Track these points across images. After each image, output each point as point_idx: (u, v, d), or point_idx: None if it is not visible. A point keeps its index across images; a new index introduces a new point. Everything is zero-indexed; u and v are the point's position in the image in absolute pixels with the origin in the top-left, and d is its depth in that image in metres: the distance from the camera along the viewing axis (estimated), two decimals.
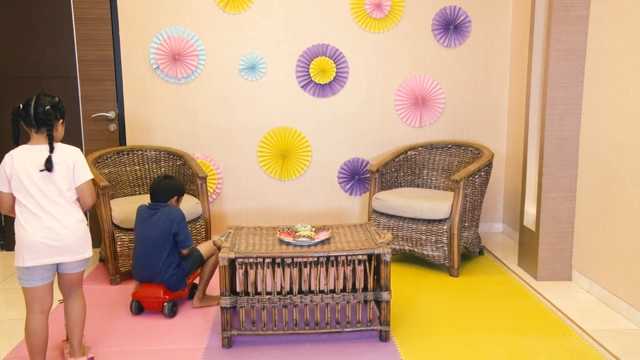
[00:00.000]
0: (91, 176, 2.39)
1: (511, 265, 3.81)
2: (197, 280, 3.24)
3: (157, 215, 3.04)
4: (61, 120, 2.36)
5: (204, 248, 3.15)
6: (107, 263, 3.51)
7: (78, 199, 2.39)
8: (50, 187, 2.28)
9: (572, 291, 3.34)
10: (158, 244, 3.00)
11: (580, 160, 3.40)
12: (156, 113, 4.32)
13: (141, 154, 4.10)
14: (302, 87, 4.37)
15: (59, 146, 2.33)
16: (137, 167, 4.08)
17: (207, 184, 3.97)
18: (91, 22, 4.10)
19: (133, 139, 4.31)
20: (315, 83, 4.37)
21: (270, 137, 4.41)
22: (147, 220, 3.06)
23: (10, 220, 4.27)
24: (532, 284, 3.47)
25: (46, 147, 2.29)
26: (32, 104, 2.30)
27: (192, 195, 3.88)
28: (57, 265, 2.37)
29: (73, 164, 2.33)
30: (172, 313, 3.06)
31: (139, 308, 3.11)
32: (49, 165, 2.25)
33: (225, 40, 4.28)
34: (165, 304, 3.04)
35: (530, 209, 3.72)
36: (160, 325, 2.95)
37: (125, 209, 3.51)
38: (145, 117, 4.31)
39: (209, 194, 4.37)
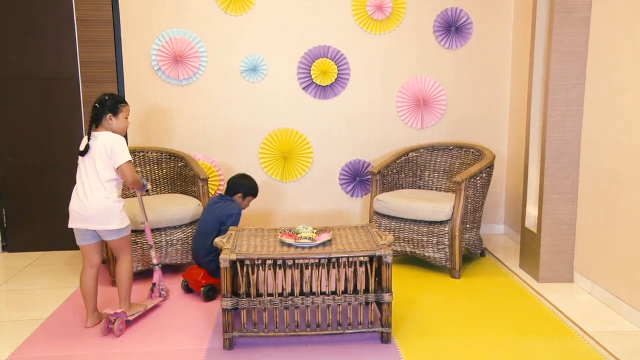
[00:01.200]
0: (126, 159, 2.80)
1: (512, 267, 3.80)
2: None
3: (218, 204, 3.36)
4: (109, 115, 2.82)
5: None
6: (108, 265, 3.51)
7: (116, 179, 2.84)
8: (91, 167, 2.78)
9: (574, 293, 3.34)
10: (207, 227, 3.30)
11: (581, 161, 3.39)
12: (157, 114, 4.32)
13: (142, 156, 4.11)
14: (304, 88, 4.37)
15: (103, 134, 2.80)
16: (139, 169, 4.09)
17: (209, 185, 3.98)
18: (93, 24, 4.11)
19: (134, 140, 4.32)
20: (317, 84, 4.37)
21: (271, 138, 4.41)
22: (209, 207, 3.39)
23: (12, 222, 4.28)
24: (534, 285, 3.46)
25: (100, 133, 2.81)
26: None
27: (194, 197, 3.88)
28: (97, 232, 2.87)
29: (111, 150, 2.77)
30: (207, 297, 3.27)
31: (187, 287, 3.41)
32: (83, 150, 2.79)
33: (227, 42, 4.28)
34: (202, 287, 3.27)
35: (531, 210, 3.72)
36: (162, 326, 2.96)
37: (126, 210, 3.50)
38: (146, 118, 4.32)
39: (211, 195, 4.37)
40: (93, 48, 4.14)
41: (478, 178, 3.71)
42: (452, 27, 4.34)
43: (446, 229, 3.57)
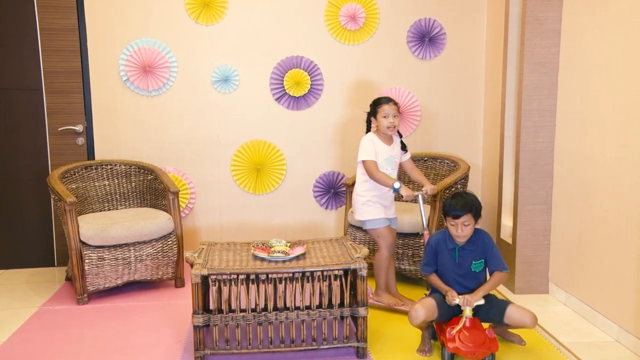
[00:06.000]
0: (362, 158, 3.22)
1: None
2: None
3: None
4: (372, 118, 3.27)
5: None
6: (74, 282, 3.37)
7: (365, 174, 3.21)
8: None
9: (550, 304, 3.33)
10: None
11: (555, 172, 3.40)
12: (126, 126, 4.20)
13: (110, 169, 3.98)
14: (277, 99, 4.31)
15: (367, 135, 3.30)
16: (107, 182, 3.96)
17: (179, 199, 3.87)
18: (57, 33, 3.98)
19: (102, 153, 4.19)
20: (290, 95, 4.31)
21: (244, 150, 4.33)
22: None
23: None
24: (510, 297, 3.44)
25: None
26: None
27: (164, 210, 3.77)
28: None
29: (359, 148, 3.26)
30: None
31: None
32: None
33: (198, 52, 4.20)
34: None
35: (506, 221, 3.71)
36: (130, 345, 2.84)
37: (93, 225, 3.38)
38: (114, 130, 4.19)
39: (181, 209, 4.26)
40: (58, 58, 4.01)
41: (453, 189, 3.69)
42: (426, 38, 4.35)
43: (422, 241, 3.53)
